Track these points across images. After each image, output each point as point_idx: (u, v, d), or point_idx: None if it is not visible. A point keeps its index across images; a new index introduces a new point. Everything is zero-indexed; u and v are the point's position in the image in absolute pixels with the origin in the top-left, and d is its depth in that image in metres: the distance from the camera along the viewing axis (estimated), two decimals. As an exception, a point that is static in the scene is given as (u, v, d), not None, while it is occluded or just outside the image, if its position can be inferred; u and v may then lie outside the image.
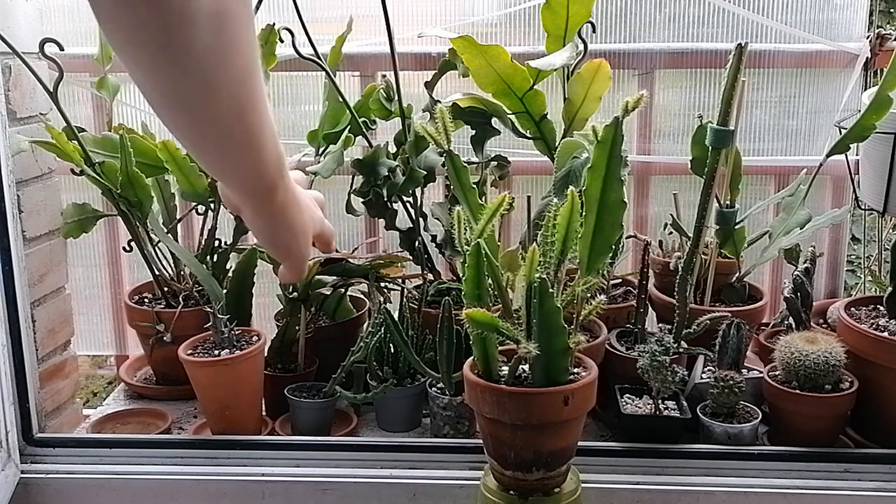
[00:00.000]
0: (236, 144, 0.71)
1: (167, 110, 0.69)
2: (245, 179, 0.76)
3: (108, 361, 2.72)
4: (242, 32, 0.67)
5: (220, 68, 0.65)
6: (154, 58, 0.63)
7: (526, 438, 1.22)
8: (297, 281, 0.89)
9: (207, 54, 0.63)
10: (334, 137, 1.79)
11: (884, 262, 1.94)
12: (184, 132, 0.71)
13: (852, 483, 1.46)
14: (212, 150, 0.73)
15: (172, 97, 0.67)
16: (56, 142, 1.61)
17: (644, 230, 2.00)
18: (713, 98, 1.92)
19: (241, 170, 0.75)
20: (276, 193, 0.78)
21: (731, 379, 1.50)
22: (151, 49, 0.62)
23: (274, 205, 0.79)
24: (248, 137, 0.72)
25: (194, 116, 0.68)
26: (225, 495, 1.52)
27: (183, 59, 0.63)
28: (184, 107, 0.68)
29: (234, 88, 0.68)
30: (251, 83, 0.69)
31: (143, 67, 0.65)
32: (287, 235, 0.83)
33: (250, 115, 0.70)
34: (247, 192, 0.78)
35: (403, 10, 1.89)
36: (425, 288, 1.75)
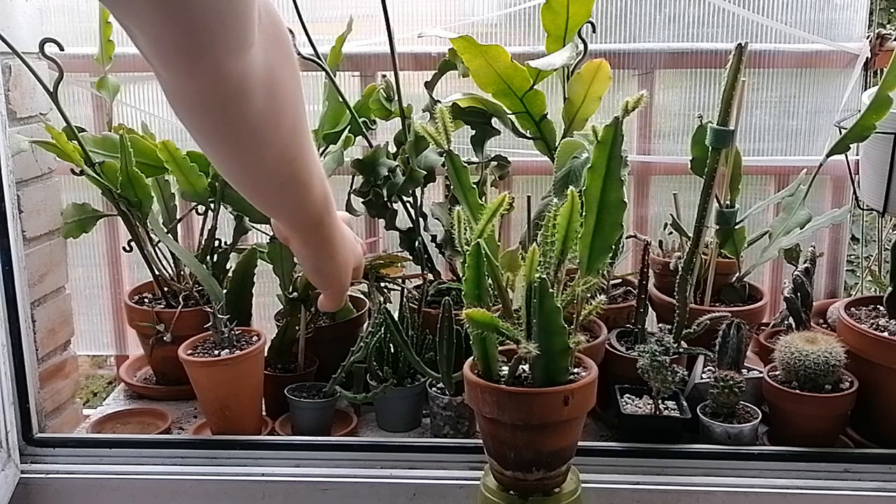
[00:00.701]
0: (286, 188, 0.77)
1: (223, 165, 0.75)
2: (293, 215, 0.83)
3: (108, 361, 2.72)
4: (291, 93, 0.71)
5: (271, 130, 0.70)
6: (214, 126, 0.68)
7: (526, 438, 1.22)
8: (336, 309, 0.99)
9: (260, 121, 0.68)
10: (334, 137, 1.79)
11: (884, 262, 1.95)
12: (238, 181, 0.77)
13: (852, 483, 1.46)
14: (263, 194, 0.80)
15: (230, 157, 0.72)
16: (56, 142, 1.61)
17: (644, 230, 2.00)
18: (713, 98, 1.92)
19: (289, 208, 0.81)
20: (322, 227, 0.85)
21: (731, 379, 1.50)
22: (211, 120, 0.67)
23: (319, 237, 0.86)
24: (297, 181, 0.77)
25: (248, 170, 0.74)
26: (225, 495, 1.52)
27: (238, 128, 0.68)
28: (239, 163, 0.73)
29: (284, 142, 0.72)
30: (299, 134, 0.74)
31: (203, 134, 0.70)
32: (330, 266, 0.90)
33: (298, 162, 0.76)
34: (296, 226, 0.85)
35: (403, 10, 1.89)
36: (425, 288, 1.75)
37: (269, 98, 0.67)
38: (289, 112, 0.71)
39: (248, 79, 0.64)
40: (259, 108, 0.66)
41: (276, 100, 0.68)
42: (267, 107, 0.67)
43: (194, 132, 0.70)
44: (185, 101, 0.65)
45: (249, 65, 0.63)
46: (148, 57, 0.62)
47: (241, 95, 0.64)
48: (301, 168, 0.76)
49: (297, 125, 0.73)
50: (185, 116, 0.67)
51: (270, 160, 0.72)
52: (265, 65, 0.65)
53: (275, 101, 0.68)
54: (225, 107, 0.65)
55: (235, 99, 0.64)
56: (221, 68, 0.61)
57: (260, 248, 1.79)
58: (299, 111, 0.73)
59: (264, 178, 0.75)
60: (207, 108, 0.65)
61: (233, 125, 0.67)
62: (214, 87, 0.63)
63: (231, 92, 0.64)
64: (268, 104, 0.67)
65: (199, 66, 0.61)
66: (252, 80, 0.64)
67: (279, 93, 0.68)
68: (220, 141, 0.70)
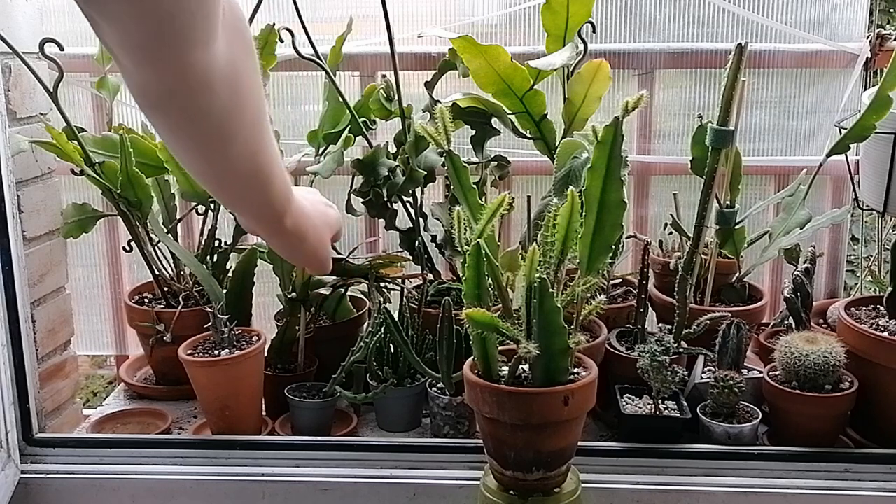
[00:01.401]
0: (249, 181, 0.78)
1: (189, 160, 0.76)
2: (258, 209, 0.84)
3: (108, 361, 2.72)
4: (252, 86, 0.72)
5: (234, 122, 0.71)
6: (179, 120, 0.69)
7: (526, 438, 1.22)
8: (324, 274, 1.03)
9: (224, 113, 0.69)
10: (334, 137, 1.79)
11: (884, 262, 1.95)
12: (203, 176, 0.78)
13: (852, 483, 1.46)
14: (228, 188, 0.80)
15: (195, 151, 0.73)
16: (56, 142, 1.61)
17: (644, 230, 2.00)
18: (713, 98, 1.91)
19: (253, 201, 0.82)
20: (287, 217, 0.86)
21: (731, 379, 1.50)
22: (176, 113, 0.68)
23: (286, 227, 0.86)
24: (260, 173, 0.78)
25: (213, 164, 0.75)
26: (225, 495, 1.52)
27: (202, 121, 0.69)
28: (204, 157, 0.74)
29: (247, 135, 0.74)
30: (261, 127, 0.75)
31: (168, 128, 0.71)
32: (304, 247, 0.91)
33: (261, 155, 0.77)
34: (261, 220, 0.86)
35: (403, 10, 1.89)
36: (425, 288, 1.75)
37: (232, 91, 0.68)
38: (251, 105, 0.72)
39: (212, 72, 0.65)
40: (223, 102, 0.68)
41: (239, 93, 0.70)
42: (230, 100, 0.68)
43: (159, 126, 0.71)
44: (150, 95, 0.66)
45: (214, 58, 0.65)
46: (114, 50, 0.63)
47: (205, 88, 0.66)
48: (263, 161, 0.77)
49: (259, 118, 0.74)
50: (151, 110, 0.68)
51: (234, 154, 0.73)
52: (228, 58, 0.66)
53: (237, 95, 0.69)
54: (190, 100, 0.66)
55: (200, 92, 0.66)
56: (188, 61, 0.63)
57: (260, 248, 1.79)
58: (260, 104, 0.74)
59: (228, 172, 0.76)
60: (173, 101, 0.66)
61: (197, 118, 0.68)
62: (181, 81, 0.64)
63: (196, 85, 0.65)
64: (230, 97, 0.68)
65: (168, 59, 0.62)
66: (216, 74, 0.66)
67: (242, 86, 0.70)
68: (185, 135, 0.71)
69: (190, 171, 0.79)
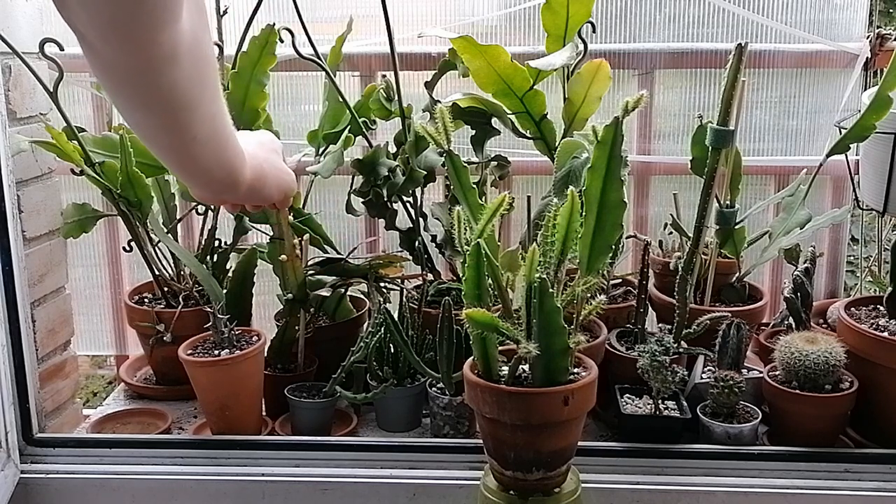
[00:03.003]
0: (210, 145, 0.80)
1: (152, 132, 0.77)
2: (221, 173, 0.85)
3: (108, 361, 2.72)
4: (210, 53, 0.75)
5: (197, 91, 0.73)
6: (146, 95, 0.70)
7: (526, 438, 1.22)
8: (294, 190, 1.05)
9: (189, 84, 0.71)
10: (334, 137, 1.79)
11: (884, 262, 1.95)
12: (164, 147, 0.79)
13: (852, 483, 1.46)
14: (191, 156, 0.80)
15: (159, 123, 0.75)
16: (56, 142, 1.61)
17: (644, 230, 2.00)
18: (713, 98, 1.92)
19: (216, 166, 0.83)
20: (245, 169, 0.88)
21: (731, 379, 1.50)
22: (144, 88, 0.69)
23: (247, 177, 0.89)
24: (219, 134, 0.80)
25: (176, 133, 0.76)
26: (225, 495, 1.52)
27: (169, 93, 0.70)
28: (167, 128, 0.75)
29: (207, 100, 0.75)
30: (217, 89, 0.77)
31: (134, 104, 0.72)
32: (268, 184, 0.95)
33: (219, 117, 0.79)
34: (225, 182, 0.87)
35: (403, 10, 1.89)
36: (425, 288, 1.75)
37: (195, 62, 0.70)
38: (210, 72, 0.74)
39: (179, 47, 0.67)
40: (188, 73, 0.69)
41: (201, 62, 0.72)
42: (193, 70, 0.70)
43: (124, 103, 0.72)
44: (118, 72, 0.67)
45: (180, 34, 0.66)
46: (80, 27, 0.63)
47: (172, 62, 0.67)
48: (221, 123, 0.80)
49: (216, 82, 0.77)
50: (116, 87, 0.70)
51: (197, 120, 0.75)
52: (192, 32, 0.68)
53: (199, 63, 0.71)
54: (158, 75, 0.67)
55: (168, 67, 0.67)
56: (158, 39, 0.64)
57: (260, 248, 1.79)
58: (215, 69, 0.76)
59: (191, 139, 0.77)
60: (141, 77, 0.67)
61: (164, 91, 0.69)
62: (150, 58, 0.65)
63: (164, 61, 0.67)
64: (194, 68, 0.70)
65: (138, 37, 0.63)
66: (182, 48, 0.67)
67: (203, 55, 0.72)
68: (150, 109, 0.72)
69: (150, 143, 0.80)
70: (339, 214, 1.87)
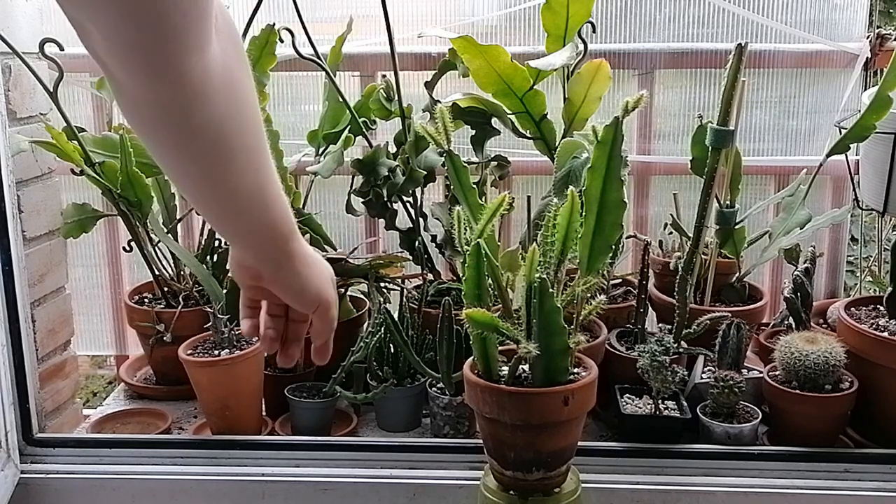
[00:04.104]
0: (253, 202, 0.73)
1: (190, 181, 0.70)
2: (265, 236, 0.77)
3: (108, 361, 2.72)
4: (249, 93, 0.68)
5: (235, 135, 0.67)
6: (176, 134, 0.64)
7: (526, 438, 1.22)
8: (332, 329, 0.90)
9: (223, 125, 0.65)
10: (334, 137, 1.79)
11: (884, 262, 1.95)
12: (204, 200, 0.73)
13: (852, 483, 1.46)
14: (232, 212, 0.73)
15: (194, 170, 0.68)
16: (56, 142, 1.61)
17: (644, 230, 2.00)
18: (713, 98, 1.91)
19: (259, 226, 0.76)
20: (294, 238, 0.80)
21: (731, 379, 1.50)
22: (173, 125, 0.63)
23: (293, 249, 0.80)
24: (263, 192, 0.73)
25: (214, 184, 0.70)
26: (225, 495, 1.52)
27: (202, 134, 0.64)
28: (203, 176, 0.69)
29: (250, 148, 0.69)
30: (262, 140, 0.71)
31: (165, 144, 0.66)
32: (314, 280, 0.84)
33: (263, 172, 0.72)
34: (266, 247, 0.79)
35: (403, 10, 1.89)
36: (425, 288, 1.75)
37: (230, 101, 0.65)
38: (249, 116, 0.68)
39: (208, 80, 0.61)
40: (220, 112, 0.64)
41: (237, 103, 0.66)
42: (227, 110, 0.65)
43: (155, 145, 0.66)
44: (143, 108, 0.62)
45: (210, 64, 0.61)
46: (103, 58, 0.59)
47: (202, 98, 0.62)
48: (265, 180, 0.73)
49: (259, 131, 0.70)
50: (145, 126, 0.64)
51: (236, 170, 0.69)
52: (224, 64, 0.63)
53: (235, 105, 0.66)
54: (186, 111, 0.62)
55: (197, 102, 0.62)
56: (183, 67, 0.59)
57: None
58: (258, 116, 0.70)
59: (231, 193, 0.70)
60: (168, 113, 0.62)
61: (195, 132, 0.64)
62: (175, 89, 0.60)
63: (192, 94, 0.61)
64: (228, 107, 0.65)
65: (161, 65, 0.58)
66: (212, 81, 0.62)
67: (239, 95, 0.66)
68: (182, 152, 0.66)
69: (190, 195, 0.73)
70: (339, 214, 1.87)
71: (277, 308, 0.88)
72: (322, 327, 0.88)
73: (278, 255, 0.79)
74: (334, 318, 0.88)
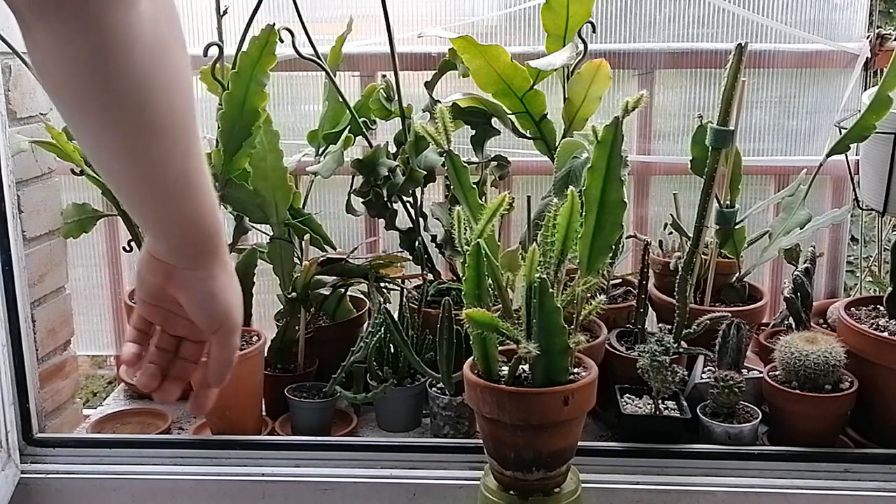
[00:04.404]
0: (180, 187, 0.67)
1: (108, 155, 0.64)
2: (191, 228, 0.70)
3: (108, 361, 2.71)
4: (181, 63, 0.63)
5: (161, 107, 0.61)
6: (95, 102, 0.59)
7: (526, 438, 1.22)
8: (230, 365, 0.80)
9: (149, 93, 0.60)
10: (334, 137, 1.79)
11: (884, 262, 1.95)
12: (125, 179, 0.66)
13: (852, 483, 1.46)
14: (157, 196, 0.67)
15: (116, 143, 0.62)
16: (56, 142, 1.61)
17: (644, 230, 2.00)
18: (713, 98, 1.91)
19: (185, 217, 0.69)
20: (219, 239, 0.73)
21: (731, 379, 1.50)
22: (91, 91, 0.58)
23: (217, 252, 0.73)
24: (191, 178, 0.67)
25: (137, 160, 0.63)
26: (225, 495, 1.52)
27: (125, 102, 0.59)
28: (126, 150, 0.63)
29: (177, 126, 0.63)
30: (192, 119, 0.65)
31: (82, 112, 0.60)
32: (229, 292, 0.75)
33: (192, 156, 0.66)
34: (190, 238, 0.71)
35: (403, 10, 1.89)
36: (425, 288, 1.75)
37: (158, 69, 0.59)
38: (181, 91, 0.63)
39: (134, 39, 0.56)
40: (147, 78, 0.59)
41: (166, 73, 0.60)
42: (155, 78, 0.59)
43: (72, 109, 0.60)
44: (60, 65, 0.56)
45: (137, 22, 0.56)
46: (22, 11, 0.55)
47: (126, 58, 0.57)
48: (195, 165, 0.67)
49: (189, 108, 0.65)
50: (62, 90, 0.59)
51: (163, 148, 0.63)
52: (155, 31, 0.58)
53: (164, 74, 0.60)
54: (107, 68, 0.56)
55: (120, 61, 0.56)
56: (105, 19, 0.54)
57: (260, 248, 1.79)
58: (190, 92, 0.65)
59: (157, 172, 0.64)
60: (86, 70, 0.56)
61: (117, 94, 0.58)
62: (96, 43, 0.55)
63: (115, 51, 0.56)
64: (156, 76, 0.59)
65: (81, 14, 0.54)
66: (139, 43, 0.57)
67: (169, 66, 0.61)
68: (102, 119, 0.60)
69: (109, 173, 0.66)
70: (339, 214, 1.87)
71: (169, 341, 0.79)
72: (220, 356, 0.78)
73: (199, 252, 0.72)
74: (235, 348, 0.78)
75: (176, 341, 0.80)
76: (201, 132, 0.69)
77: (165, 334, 0.79)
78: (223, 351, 0.78)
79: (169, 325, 0.78)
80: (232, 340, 0.77)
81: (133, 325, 0.79)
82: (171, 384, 0.80)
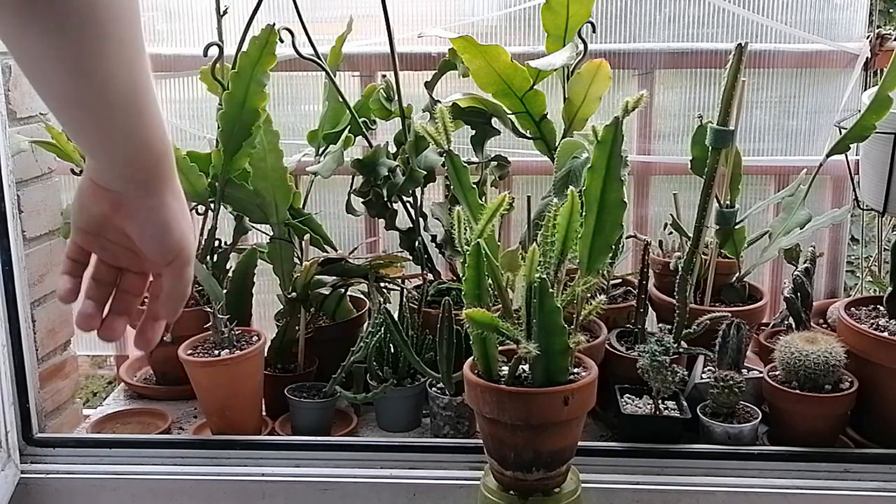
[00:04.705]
0: (125, 103, 0.63)
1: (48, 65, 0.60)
2: (138, 145, 0.66)
3: (108, 361, 2.72)
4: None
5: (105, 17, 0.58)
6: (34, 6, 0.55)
7: (526, 438, 1.22)
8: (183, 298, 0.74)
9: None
10: (334, 137, 1.79)
11: (884, 262, 1.95)
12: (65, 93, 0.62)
13: (852, 483, 1.46)
14: (98, 111, 0.62)
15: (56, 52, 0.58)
16: (56, 142, 1.61)
17: (644, 230, 2.00)
18: (713, 98, 1.92)
19: (131, 136, 0.65)
20: (169, 161, 0.68)
21: (731, 379, 1.50)
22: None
23: (166, 175, 0.69)
24: (137, 95, 0.63)
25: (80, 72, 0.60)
26: (225, 495, 1.52)
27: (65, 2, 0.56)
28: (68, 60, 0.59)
29: (122, 35, 0.60)
30: (137, 29, 0.62)
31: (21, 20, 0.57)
32: (181, 220, 0.70)
33: (138, 70, 0.63)
34: (138, 160, 0.67)
35: (403, 10, 1.89)
36: (425, 288, 1.75)
37: None
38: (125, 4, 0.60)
39: None
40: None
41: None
42: None
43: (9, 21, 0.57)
44: None
45: None
46: None
47: None
48: (141, 80, 0.63)
49: (136, 25, 0.61)
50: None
51: (108, 58, 0.59)
52: None
53: None
54: None
55: None
56: None
57: (260, 248, 1.79)
58: (138, 13, 0.62)
59: (101, 85, 0.60)
60: None
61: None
62: None
63: None
64: None
65: None
66: None
67: None
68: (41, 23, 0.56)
69: (50, 88, 0.62)
70: (339, 214, 1.87)
71: (108, 272, 0.73)
72: (174, 289, 0.72)
73: (149, 177, 0.67)
74: (189, 280, 0.73)
75: (116, 273, 0.74)
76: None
77: (104, 265, 0.73)
78: (178, 283, 0.72)
79: (109, 256, 0.72)
80: (186, 272, 0.72)
81: (67, 254, 0.72)
82: (114, 320, 0.74)
